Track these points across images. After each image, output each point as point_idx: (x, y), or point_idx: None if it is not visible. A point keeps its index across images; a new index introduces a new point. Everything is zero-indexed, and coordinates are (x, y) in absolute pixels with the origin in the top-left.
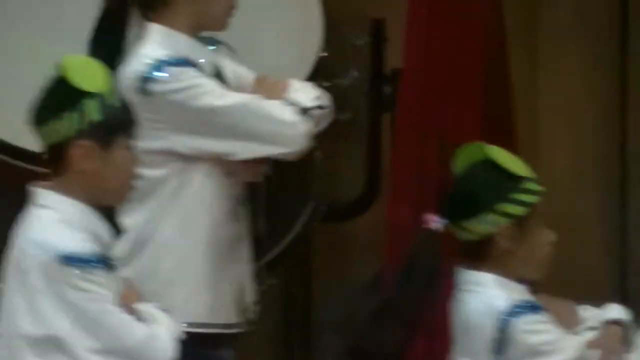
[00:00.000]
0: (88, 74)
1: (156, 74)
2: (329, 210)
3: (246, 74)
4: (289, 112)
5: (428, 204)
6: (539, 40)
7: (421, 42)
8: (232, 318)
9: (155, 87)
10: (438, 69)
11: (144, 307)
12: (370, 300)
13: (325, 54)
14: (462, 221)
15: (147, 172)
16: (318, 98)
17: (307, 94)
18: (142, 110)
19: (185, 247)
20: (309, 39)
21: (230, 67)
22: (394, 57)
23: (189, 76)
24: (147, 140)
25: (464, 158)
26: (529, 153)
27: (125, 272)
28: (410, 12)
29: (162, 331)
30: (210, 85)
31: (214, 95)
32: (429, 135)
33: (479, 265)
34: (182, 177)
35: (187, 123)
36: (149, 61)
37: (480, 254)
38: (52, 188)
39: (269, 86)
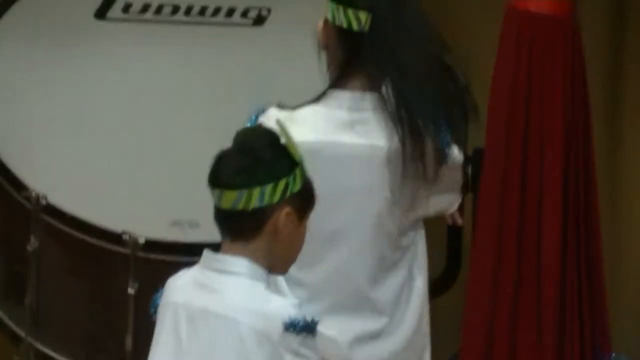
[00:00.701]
0: (293, 143)
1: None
2: None
3: None
4: None
5: (507, 285)
6: (622, 100)
7: (503, 123)
8: None
9: (450, 153)
10: (519, 150)
11: None
12: None
13: None
14: None
15: (400, 241)
16: None
17: None
18: (421, 179)
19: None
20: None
21: None
22: (476, 137)
23: None
24: (413, 210)
25: None
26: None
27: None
28: (492, 93)
29: None
30: None
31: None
32: (510, 216)
33: None
34: (420, 240)
35: (449, 184)
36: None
37: None
38: (240, 254)
39: None
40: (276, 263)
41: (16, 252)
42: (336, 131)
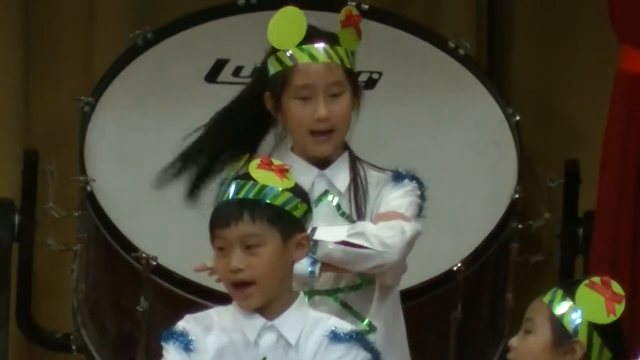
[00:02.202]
0: None
1: None
2: None
3: None
4: None
5: None
6: None
7: (615, 185)
8: None
9: None
10: (631, 212)
11: None
12: None
13: (518, 196)
14: None
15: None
16: None
17: None
18: None
19: None
20: (503, 180)
21: None
22: (587, 199)
23: None
24: None
25: None
26: None
27: None
28: (604, 154)
29: None
30: None
31: None
32: (622, 279)
33: None
34: None
35: None
36: None
37: None
38: None
39: None
40: None
41: (126, 312)
42: None
